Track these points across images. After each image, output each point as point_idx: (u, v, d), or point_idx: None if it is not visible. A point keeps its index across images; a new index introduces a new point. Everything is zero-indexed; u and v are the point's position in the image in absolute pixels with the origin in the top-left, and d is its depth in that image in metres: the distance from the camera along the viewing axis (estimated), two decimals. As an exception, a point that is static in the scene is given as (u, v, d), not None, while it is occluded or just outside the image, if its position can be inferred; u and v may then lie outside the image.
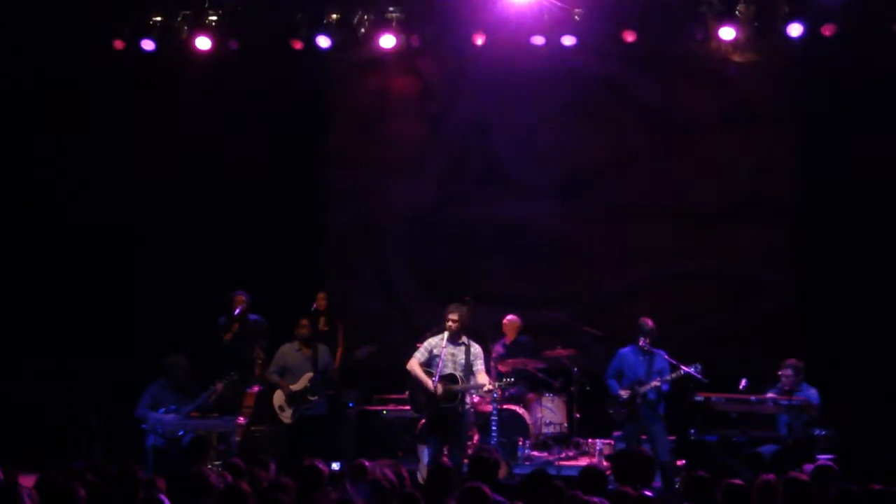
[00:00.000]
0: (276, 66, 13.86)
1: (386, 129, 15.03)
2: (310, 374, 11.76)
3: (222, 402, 12.20)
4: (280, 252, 14.25)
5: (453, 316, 10.83)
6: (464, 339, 10.90)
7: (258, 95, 14.02)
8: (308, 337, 12.08)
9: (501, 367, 12.59)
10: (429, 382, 10.72)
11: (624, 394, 11.35)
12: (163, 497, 6.55)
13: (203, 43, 13.33)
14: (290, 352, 11.99)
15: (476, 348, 10.93)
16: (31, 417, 12.95)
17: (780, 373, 11.33)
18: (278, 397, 11.82)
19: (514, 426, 12.81)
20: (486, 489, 6.46)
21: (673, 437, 11.65)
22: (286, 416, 11.76)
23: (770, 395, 11.26)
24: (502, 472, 10.69)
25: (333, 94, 15.17)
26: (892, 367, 12.54)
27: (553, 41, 13.35)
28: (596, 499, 6.54)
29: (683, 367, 11.13)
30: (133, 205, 13.99)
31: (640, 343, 11.41)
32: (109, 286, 13.91)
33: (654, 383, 11.21)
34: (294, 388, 11.75)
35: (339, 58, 14.41)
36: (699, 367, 11.10)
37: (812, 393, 11.20)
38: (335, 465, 11.23)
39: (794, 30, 12.67)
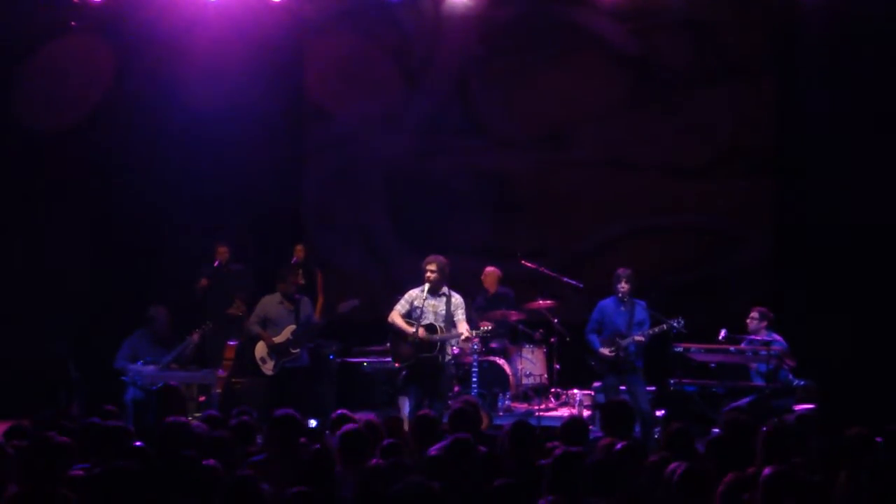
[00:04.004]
0: (254, 17, 13.72)
1: (364, 80, 14.93)
2: (292, 327, 11.72)
3: (201, 352, 12.19)
4: (259, 204, 14.20)
5: (431, 267, 10.81)
6: (444, 289, 10.89)
7: (236, 47, 13.88)
8: (290, 292, 12.04)
9: (483, 324, 12.46)
10: (410, 328, 10.72)
11: (607, 352, 11.20)
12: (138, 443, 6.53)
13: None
14: (272, 304, 11.92)
15: (457, 298, 10.92)
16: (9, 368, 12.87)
17: (747, 320, 11.41)
18: (260, 349, 11.78)
19: (494, 378, 12.87)
20: (470, 439, 6.49)
21: (652, 388, 11.70)
22: (268, 367, 11.72)
23: (745, 344, 11.31)
24: (484, 424, 10.71)
25: (311, 46, 15.04)
26: (868, 317, 12.62)
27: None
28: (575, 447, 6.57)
29: (666, 321, 11.13)
30: (110, 157, 13.86)
31: (619, 293, 11.27)
32: (90, 239, 13.79)
33: (637, 338, 11.07)
34: (277, 340, 11.72)
35: (317, 8, 14.31)
36: (681, 321, 11.07)
37: (777, 339, 11.25)
38: (312, 423, 11.22)
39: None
